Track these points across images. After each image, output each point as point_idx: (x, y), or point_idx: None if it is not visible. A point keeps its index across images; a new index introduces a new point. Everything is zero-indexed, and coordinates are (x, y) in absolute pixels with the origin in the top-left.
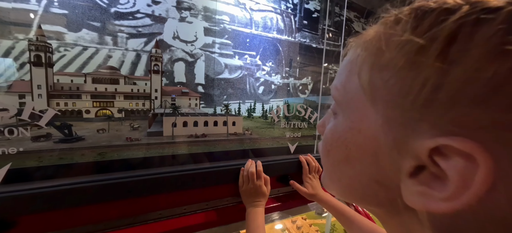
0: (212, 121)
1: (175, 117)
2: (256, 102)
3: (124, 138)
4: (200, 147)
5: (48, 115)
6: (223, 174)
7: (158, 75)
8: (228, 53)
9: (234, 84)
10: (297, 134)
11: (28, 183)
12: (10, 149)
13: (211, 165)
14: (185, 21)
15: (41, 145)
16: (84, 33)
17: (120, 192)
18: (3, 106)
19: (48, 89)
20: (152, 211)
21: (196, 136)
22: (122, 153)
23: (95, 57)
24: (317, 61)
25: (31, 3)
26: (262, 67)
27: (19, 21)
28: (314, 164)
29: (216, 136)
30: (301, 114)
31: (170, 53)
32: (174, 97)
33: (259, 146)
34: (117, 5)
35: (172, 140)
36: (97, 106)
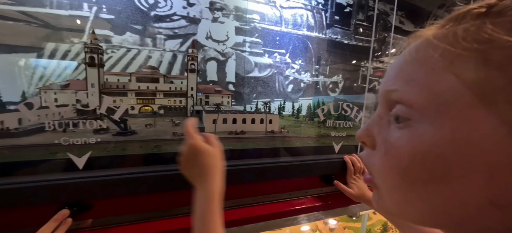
0: (250, 119)
1: (218, 114)
2: (286, 101)
3: (169, 132)
4: (243, 143)
5: (121, 109)
6: (289, 169)
7: (194, 74)
8: (258, 52)
9: (264, 82)
10: (342, 134)
11: (102, 170)
12: (90, 139)
13: (274, 159)
14: (218, 21)
15: (103, 136)
16: (128, 36)
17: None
18: (63, 102)
19: (100, 87)
20: None
21: (235, 133)
22: (174, 147)
23: (137, 58)
24: (349, 58)
25: (84, 10)
26: (292, 65)
27: (74, 27)
28: (359, 165)
29: (254, 133)
30: (347, 113)
31: (203, 52)
32: (200, 96)
33: (300, 144)
34: (156, 9)
35: None
36: (140, 103)
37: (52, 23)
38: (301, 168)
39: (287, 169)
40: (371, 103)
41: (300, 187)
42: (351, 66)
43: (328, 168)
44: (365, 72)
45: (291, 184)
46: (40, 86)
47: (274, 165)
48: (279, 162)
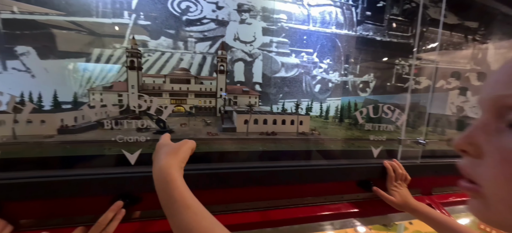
0: (280, 120)
1: (250, 115)
2: (313, 101)
3: (203, 132)
4: (276, 145)
5: (168, 110)
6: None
7: (223, 75)
8: (285, 52)
9: (290, 82)
10: (381, 137)
11: (148, 167)
12: (141, 138)
13: (317, 163)
14: (245, 22)
15: (145, 134)
16: (162, 40)
17: (236, 181)
18: (108, 102)
19: (139, 88)
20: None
21: (267, 134)
22: (211, 145)
23: (170, 60)
24: (381, 56)
25: (124, 18)
26: (319, 64)
27: (116, 33)
28: (401, 171)
29: (285, 134)
30: (388, 116)
31: (231, 53)
32: (225, 95)
33: (334, 147)
34: (187, 13)
35: (246, 136)
36: (173, 103)
37: (98, 31)
38: (337, 172)
39: (322, 172)
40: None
41: (336, 191)
42: (383, 64)
43: (365, 173)
44: (400, 71)
45: (326, 188)
46: (88, 87)
47: (309, 168)
48: (314, 165)
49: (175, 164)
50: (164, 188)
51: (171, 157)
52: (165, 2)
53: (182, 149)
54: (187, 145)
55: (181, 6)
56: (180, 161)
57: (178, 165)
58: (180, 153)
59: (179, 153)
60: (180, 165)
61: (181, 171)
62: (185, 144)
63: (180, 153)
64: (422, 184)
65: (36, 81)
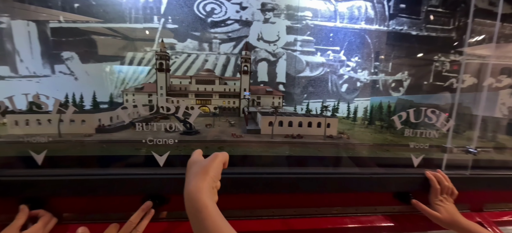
0: (306, 122)
1: (275, 117)
2: (339, 101)
3: (227, 133)
4: (302, 149)
5: (195, 113)
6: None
7: (247, 75)
8: (309, 50)
9: (315, 82)
10: (423, 145)
11: (177, 168)
12: (169, 141)
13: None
14: (269, 22)
15: (173, 135)
16: (188, 42)
17: (257, 186)
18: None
19: (167, 89)
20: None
21: (292, 137)
22: (236, 148)
23: (196, 62)
24: (417, 52)
25: (154, 22)
26: (347, 63)
27: (147, 37)
28: (447, 184)
29: (311, 138)
30: (432, 121)
31: (254, 54)
32: (248, 95)
33: (366, 153)
34: (212, 15)
35: (271, 138)
36: (199, 103)
37: (131, 36)
38: (371, 182)
39: (353, 181)
40: (447, 105)
41: (368, 202)
42: (420, 61)
43: (404, 184)
44: (440, 67)
45: (357, 198)
46: (122, 89)
47: (339, 177)
48: (344, 173)
49: (205, 187)
50: (195, 215)
51: (200, 179)
52: (191, 6)
53: (212, 166)
54: (217, 160)
55: (206, 8)
56: (211, 180)
57: (209, 188)
58: (210, 171)
59: (209, 171)
60: (211, 185)
61: (212, 194)
62: (215, 160)
63: (210, 171)
64: (471, 199)
65: (79, 83)
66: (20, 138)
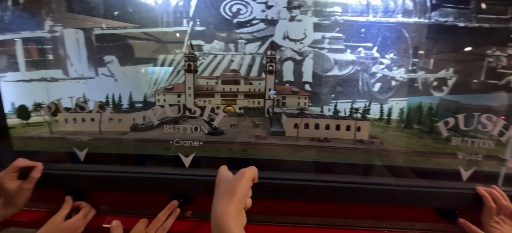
0: (334, 125)
1: (301, 119)
2: (371, 102)
3: (251, 134)
4: (329, 154)
5: (219, 116)
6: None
7: (272, 75)
8: (338, 48)
9: (345, 81)
10: (476, 156)
11: (202, 170)
12: (194, 143)
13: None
14: (295, 20)
15: (197, 135)
16: (215, 43)
17: (284, 193)
18: (169, 102)
19: (194, 89)
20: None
21: (318, 140)
22: (259, 151)
23: (222, 62)
24: (465, 46)
25: (183, 26)
26: (380, 60)
27: (177, 40)
28: (505, 203)
29: (339, 141)
30: (487, 128)
31: (280, 53)
32: (274, 93)
33: (402, 161)
34: (238, 16)
35: (296, 141)
36: (224, 103)
37: (163, 39)
38: (409, 195)
39: (388, 193)
40: (502, 106)
41: (405, 217)
42: (468, 56)
43: (449, 199)
44: (494, 63)
45: (392, 212)
46: (155, 89)
47: (371, 188)
48: (377, 184)
49: (232, 211)
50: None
51: (227, 201)
52: (218, 7)
53: (239, 186)
54: (245, 178)
55: (232, 9)
56: (238, 202)
57: (236, 211)
58: (238, 192)
59: (236, 192)
60: (238, 207)
61: (240, 217)
62: (242, 178)
63: (237, 192)
64: None
65: (118, 84)
66: (68, 135)
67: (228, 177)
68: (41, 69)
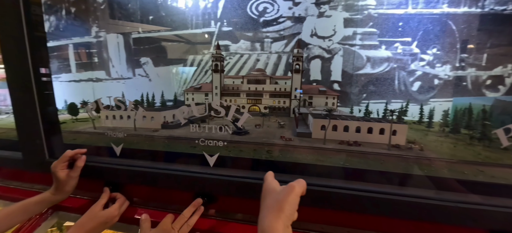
0: (365, 127)
1: (328, 120)
2: (408, 103)
3: (276, 134)
4: (359, 160)
5: (244, 117)
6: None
7: (299, 74)
8: (372, 44)
9: (378, 80)
10: None
11: (226, 170)
12: (219, 143)
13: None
14: (324, 15)
15: (222, 134)
16: (241, 43)
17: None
18: (197, 101)
19: (221, 89)
20: None
21: (348, 144)
22: (284, 154)
23: (248, 62)
24: None
25: (211, 27)
26: (420, 56)
27: (205, 41)
28: None
29: (371, 146)
30: None
31: (307, 51)
32: (301, 92)
33: (448, 172)
34: (264, 14)
35: (323, 144)
36: (249, 103)
37: (192, 40)
38: (456, 212)
39: (430, 208)
40: None
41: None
42: None
43: (509, 221)
44: None
45: (434, 229)
46: (184, 88)
47: (409, 200)
48: (416, 197)
49: (280, 228)
50: None
51: (275, 217)
52: (244, 7)
53: (287, 202)
54: (293, 193)
55: (259, 8)
56: (286, 219)
57: (283, 227)
58: (286, 208)
59: (284, 208)
60: (286, 224)
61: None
62: (291, 193)
63: (285, 208)
64: None
65: (152, 83)
66: (108, 131)
67: (276, 188)
68: (88, 70)
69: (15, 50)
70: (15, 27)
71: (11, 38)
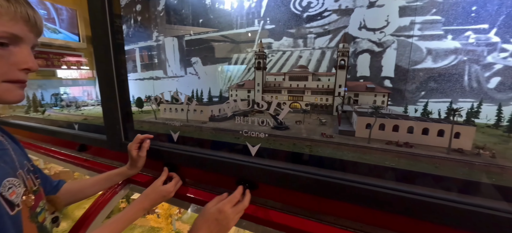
0: (420, 128)
1: (375, 118)
2: (482, 102)
3: (316, 131)
4: (409, 162)
5: (285, 111)
6: None
7: (344, 70)
8: (435, 34)
9: (442, 75)
10: None
11: (266, 160)
12: (260, 134)
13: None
14: (375, 5)
15: (264, 128)
16: (284, 40)
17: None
18: (240, 97)
19: (263, 86)
20: None
21: (397, 144)
22: (324, 149)
23: (290, 59)
24: None
25: (255, 26)
26: (501, 46)
27: (248, 39)
28: None
29: (426, 149)
30: None
31: (354, 45)
32: (346, 90)
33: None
34: (308, 10)
35: (367, 143)
36: (290, 100)
37: (237, 39)
38: None
39: (504, 222)
40: None
41: None
42: None
43: None
44: None
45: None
46: (229, 85)
47: (475, 210)
48: (483, 207)
49: None
50: None
51: None
52: (287, 4)
53: None
54: None
55: (302, 3)
56: None
57: None
58: None
59: None
60: None
61: None
62: None
63: None
64: None
65: (201, 81)
66: (166, 121)
67: None
68: (150, 70)
69: (104, 54)
70: (104, 36)
71: (102, 45)
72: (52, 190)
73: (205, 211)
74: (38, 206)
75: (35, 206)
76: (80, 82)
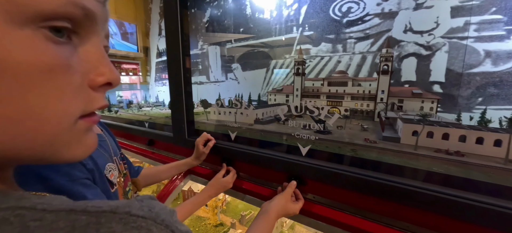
0: (474, 137)
1: (422, 126)
2: None
3: (359, 136)
4: (461, 169)
5: (334, 118)
6: None
7: (387, 76)
8: (494, 35)
9: (503, 80)
10: None
11: (315, 160)
12: (311, 137)
13: None
14: (423, 7)
15: (307, 132)
16: (322, 46)
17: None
18: (278, 102)
19: (301, 91)
20: None
21: (447, 153)
22: (369, 153)
23: (328, 64)
24: None
25: (293, 33)
26: None
27: (287, 45)
28: None
29: (480, 158)
30: None
31: (398, 49)
32: (385, 93)
33: None
34: (348, 15)
35: (414, 150)
36: (329, 105)
37: (275, 46)
38: None
39: None
40: None
41: None
42: None
43: None
44: None
45: None
46: (267, 90)
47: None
48: None
49: None
50: None
51: None
52: (326, 10)
53: None
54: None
55: (342, 9)
56: None
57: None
58: None
59: None
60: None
61: None
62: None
63: None
64: None
65: (240, 86)
66: (217, 122)
67: None
68: (195, 75)
69: (175, 64)
70: (177, 49)
71: (175, 57)
72: (134, 173)
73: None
74: (127, 186)
75: (125, 186)
76: (129, 86)
